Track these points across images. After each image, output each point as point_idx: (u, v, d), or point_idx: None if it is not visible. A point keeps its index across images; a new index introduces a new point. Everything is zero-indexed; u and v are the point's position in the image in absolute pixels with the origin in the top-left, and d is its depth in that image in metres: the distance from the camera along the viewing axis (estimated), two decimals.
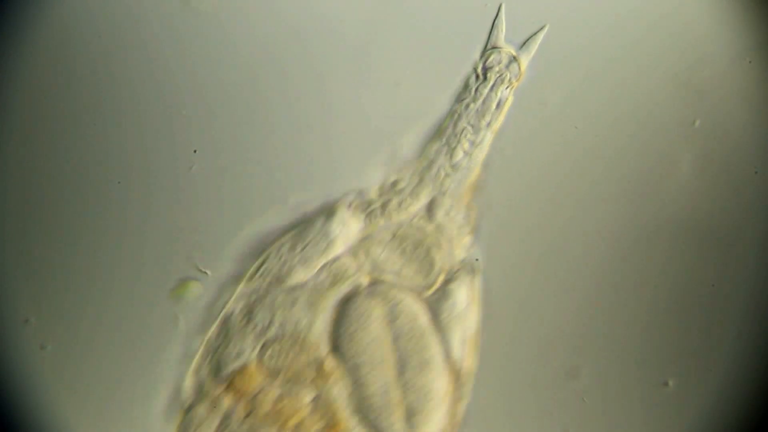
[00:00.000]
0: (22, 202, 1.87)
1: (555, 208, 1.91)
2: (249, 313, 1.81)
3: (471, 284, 1.85)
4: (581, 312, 1.90)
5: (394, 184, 1.86)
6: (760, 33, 1.89)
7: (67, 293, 1.86)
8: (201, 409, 1.80)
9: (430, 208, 1.85)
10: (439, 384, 1.82)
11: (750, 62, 1.89)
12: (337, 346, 1.81)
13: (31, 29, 1.88)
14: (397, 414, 1.80)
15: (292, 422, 1.78)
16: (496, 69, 1.85)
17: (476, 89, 1.86)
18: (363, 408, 1.80)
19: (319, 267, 1.83)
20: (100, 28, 1.89)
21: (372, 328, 1.81)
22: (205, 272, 1.86)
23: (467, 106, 1.85)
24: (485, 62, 1.85)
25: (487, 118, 1.85)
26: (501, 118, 1.86)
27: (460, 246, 1.85)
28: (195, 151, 1.89)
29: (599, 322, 1.90)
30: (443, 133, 1.86)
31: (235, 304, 1.83)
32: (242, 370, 1.80)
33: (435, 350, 1.81)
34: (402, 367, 1.81)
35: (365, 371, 1.80)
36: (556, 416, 1.88)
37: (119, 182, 1.88)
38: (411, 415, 1.80)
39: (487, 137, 1.85)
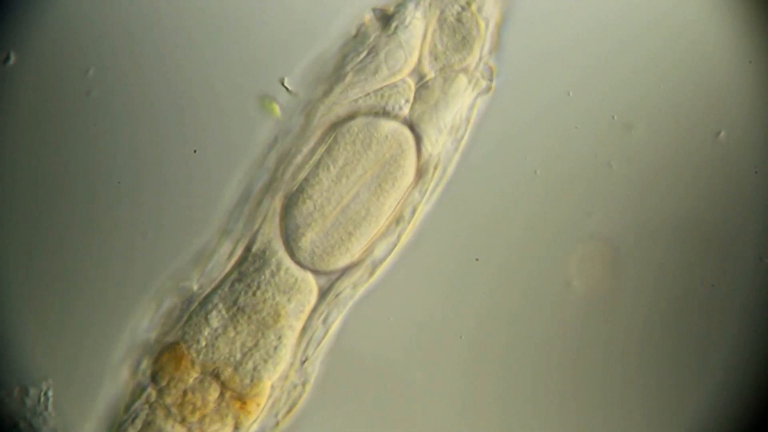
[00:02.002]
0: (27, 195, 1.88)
1: (553, 206, 1.91)
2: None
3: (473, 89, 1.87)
4: (579, 313, 1.90)
5: None
6: (761, 33, 1.89)
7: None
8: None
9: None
10: (369, 231, 1.85)
11: (750, 62, 1.89)
12: (335, 134, 1.85)
13: (30, 30, 1.88)
14: (316, 230, 1.83)
15: (197, 416, 1.80)
16: None
17: None
18: (294, 199, 1.84)
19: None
20: (99, 28, 1.89)
21: (369, 152, 1.83)
22: (294, 92, 1.87)
23: None
24: None
25: None
26: None
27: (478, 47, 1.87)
28: (195, 151, 1.89)
29: (598, 323, 1.90)
30: None
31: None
32: (176, 350, 1.82)
33: (389, 210, 1.84)
34: (355, 206, 1.84)
35: (328, 175, 1.84)
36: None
37: (119, 182, 1.89)
38: (328, 239, 1.83)
39: None
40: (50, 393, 1.83)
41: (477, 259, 1.91)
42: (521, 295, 1.91)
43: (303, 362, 1.85)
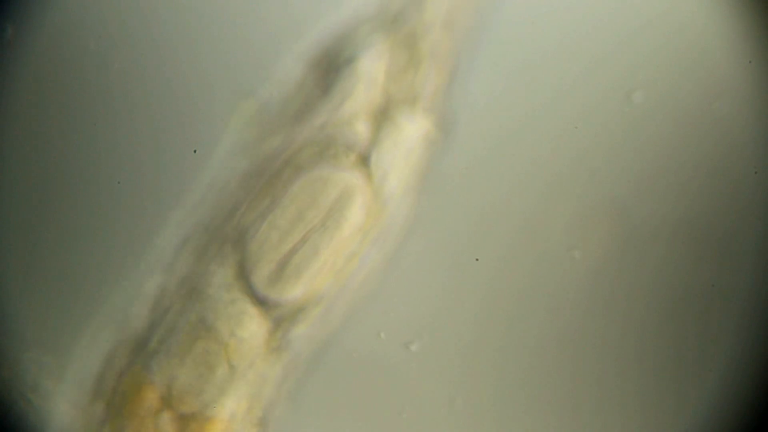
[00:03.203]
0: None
1: (551, 205, 1.91)
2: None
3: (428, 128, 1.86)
4: (576, 313, 1.90)
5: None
6: (761, 33, 1.89)
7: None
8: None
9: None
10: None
11: (750, 62, 1.88)
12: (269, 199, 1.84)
13: (30, 30, 1.89)
14: (269, 264, 1.82)
15: None
16: None
17: None
18: (253, 249, 1.83)
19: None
20: (97, 29, 1.90)
21: (320, 200, 1.83)
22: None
23: None
24: None
25: None
26: None
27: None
28: (195, 151, 1.90)
29: (596, 323, 1.90)
30: None
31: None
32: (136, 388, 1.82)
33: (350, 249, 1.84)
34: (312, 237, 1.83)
35: (277, 219, 1.83)
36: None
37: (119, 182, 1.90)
38: (284, 269, 1.82)
39: None
40: (49, 367, 1.84)
41: (477, 259, 1.91)
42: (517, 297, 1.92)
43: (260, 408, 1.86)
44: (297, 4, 1.88)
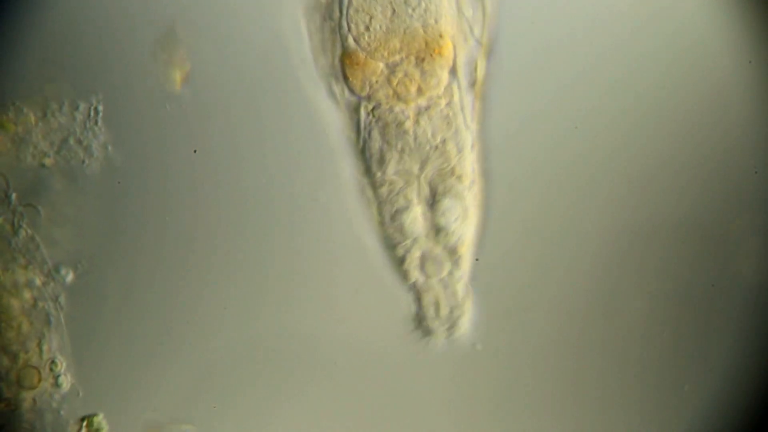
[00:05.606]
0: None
1: (551, 206, 1.91)
2: None
3: None
4: (578, 313, 1.90)
5: None
6: (761, 33, 1.89)
7: None
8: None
9: None
10: None
11: (750, 62, 1.88)
12: None
13: (31, 27, 1.89)
14: None
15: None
16: None
17: None
18: None
19: None
20: (99, 27, 1.90)
21: None
22: None
23: None
24: None
25: None
26: None
27: None
28: (195, 151, 1.90)
29: (596, 324, 1.90)
30: None
31: None
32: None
33: None
34: None
35: None
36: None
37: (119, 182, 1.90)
38: None
39: None
40: (100, 107, 1.83)
41: (477, 259, 1.92)
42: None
43: None
44: None
